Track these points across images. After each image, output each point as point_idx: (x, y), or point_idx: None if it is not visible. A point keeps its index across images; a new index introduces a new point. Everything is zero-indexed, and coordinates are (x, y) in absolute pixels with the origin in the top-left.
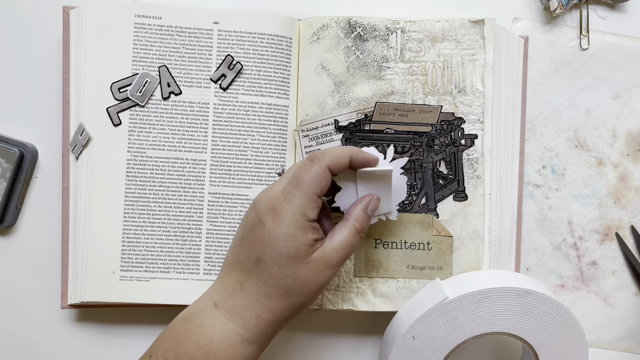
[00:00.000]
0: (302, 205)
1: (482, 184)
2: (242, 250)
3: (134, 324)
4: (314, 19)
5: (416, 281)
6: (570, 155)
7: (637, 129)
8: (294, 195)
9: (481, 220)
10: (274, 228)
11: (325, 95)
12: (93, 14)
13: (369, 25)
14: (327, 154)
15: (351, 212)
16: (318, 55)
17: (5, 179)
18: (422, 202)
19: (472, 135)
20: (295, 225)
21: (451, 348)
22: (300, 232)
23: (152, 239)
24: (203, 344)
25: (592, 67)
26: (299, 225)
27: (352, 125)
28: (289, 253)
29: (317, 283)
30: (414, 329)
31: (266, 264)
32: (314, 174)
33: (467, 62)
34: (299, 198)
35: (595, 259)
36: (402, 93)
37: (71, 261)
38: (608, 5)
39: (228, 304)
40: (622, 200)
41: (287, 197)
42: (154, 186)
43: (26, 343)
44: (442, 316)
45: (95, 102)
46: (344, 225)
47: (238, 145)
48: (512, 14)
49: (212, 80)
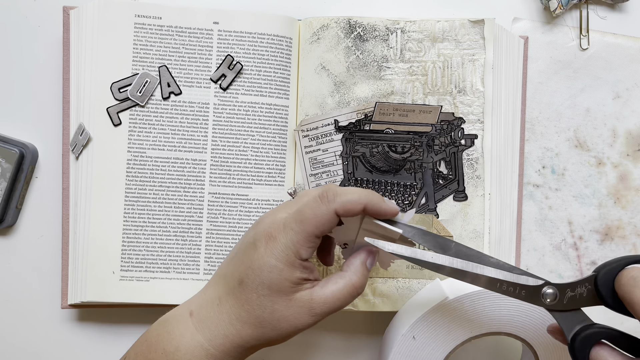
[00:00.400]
0: (296, 242)
1: (482, 184)
2: (231, 267)
3: (134, 324)
4: (314, 19)
5: (416, 281)
6: (570, 155)
7: (637, 129)
8: (292, 230)
9: (481, 220)
10: (263, 255)
11: (325, 95)
12: (93, 14)
13: (369, 26)
14: (339, 197)
15: (350, 265)
16: (318, 56)
17: (6, 179)
18: (422, 202)
19: (472, 135)
20: (284, 259)
21: (451, 348)
22: (287, 268)
23: (152, 239)
24: (170, 351)
25: (592, 67)
26: (288, 260)
27: (352, 125)
28: (271, 285)
29: (294, 325)
30: (414, 329)
31: (247, 288)
32: (318, 216)
33: (467, 62)
34: (295, 234)
35: (595, 259)
36: (402, 93)
37: (71, 261)
38: (608, 5)
39: (202, 315)
40: (622, 200)
41: (286, 228)
42: (154, 186)
43: (26, 343)
44: (442, 316)
45: (95, 102)
46: (340, 277)
47: (238, 145)
48: (512, 14)
49: (212, 80)
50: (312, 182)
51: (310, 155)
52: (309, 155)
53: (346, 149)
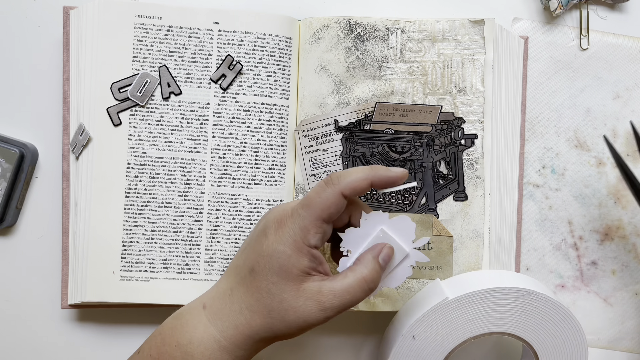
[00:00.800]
0: (304, 227)
1: (482, 184)
2: (242, 257)
3: (134, 324)
4: (314, 19)
5: (416, 281)
6: (570, 155)
7: (637, 129)
8: (300, 215)
9: (481, 220)
10: (272, 242)
11: (325, 95)
12: (93, 14)
13: (369, 26)
14: (343, 177)
15: (361, 259)
16: (318, 56)
17: (6, 179)
18: (422, 202)
19: (472, 135)
20: (292, 245)
21: (451, 348)
22: (295, 254)
23: (152, 239)
24: (183, 344)
25: (592, 67)
26: (297, 246)
27: (352, 125)
28: (279, 272)
29: (302, 318)
30: (414, 329)
31: (257, 276)
32: (324, 198)
33: (467, 62)
34: (303, 219)
35: (595, 259)
36: (402, 93)
37: (71, 261)
38: (608, 5)
39: (215, 307)
40: (622, 200)
41: (294, 215)
42: (154, 186)
43: (26, 343)
44: (442, 316)
45: (95, 102)
46: (350, 270)
47: (238, 145)
48: (512, 14)
49: (212, 80)
50: (312, 182)
51: (310, 155)
52: (309, 156)
53: (346, 149)
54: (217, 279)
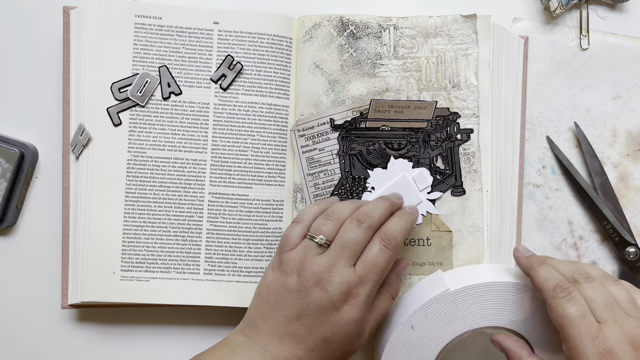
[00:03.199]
0: (374, 289)
1: (479, 178)
2: (304, 327)
3: (134, 324)
4: (306, 18)
5: (417, 277)
6: (570, 155)
7: (637, 129)
8: (372, 281)
9: (480, 214)
10: (348, 313)
11: (320, 94)
12: (93, 14)
13: (362, 23)
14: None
15: (387, 279)
16: (311, 54)
17: (6, 179)
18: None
19: (468, 130)
20: (367, 308)
21: (448, 340)
22: (367, 313)
23: (152, 239)
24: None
25: (592, 67)
26: (369, 307)
27: (348, 124)
28: (357, 334)
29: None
30: (413, 319)
31: (333, 344)
32: (389, 261)
33: (460, 57)
34: (375, 283)
35: (595, 259)
36: (396, 90)
37: (71, 261)
38: (608, 5)
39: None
40: (622, 200)
41: (364, 281)
42: (154, 186)
43: (26, 343)
44: (442, 307)
45: (95, 102)
46: (381, 293)
47: (238, 145)
48: (512, 14)
49: (212, 80)
50: (310, 182)
51: (307, 154)
52: (305, 155)
53: (343, 147)
54: (217, 279)
